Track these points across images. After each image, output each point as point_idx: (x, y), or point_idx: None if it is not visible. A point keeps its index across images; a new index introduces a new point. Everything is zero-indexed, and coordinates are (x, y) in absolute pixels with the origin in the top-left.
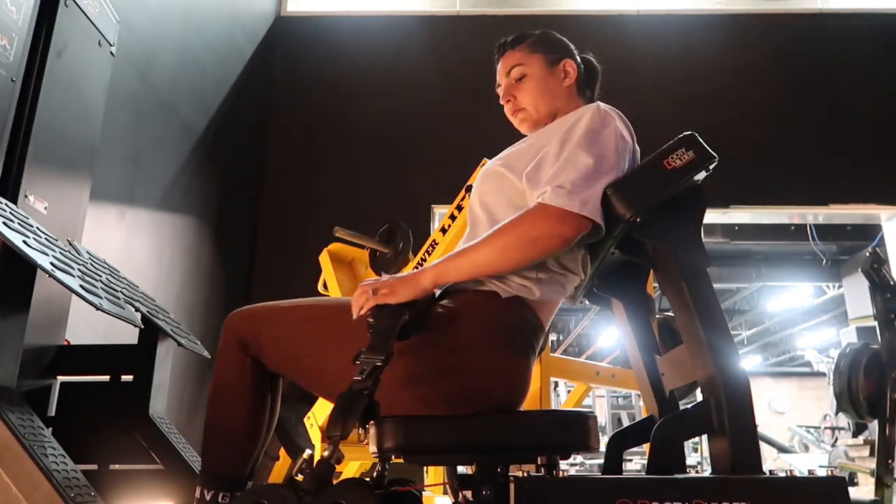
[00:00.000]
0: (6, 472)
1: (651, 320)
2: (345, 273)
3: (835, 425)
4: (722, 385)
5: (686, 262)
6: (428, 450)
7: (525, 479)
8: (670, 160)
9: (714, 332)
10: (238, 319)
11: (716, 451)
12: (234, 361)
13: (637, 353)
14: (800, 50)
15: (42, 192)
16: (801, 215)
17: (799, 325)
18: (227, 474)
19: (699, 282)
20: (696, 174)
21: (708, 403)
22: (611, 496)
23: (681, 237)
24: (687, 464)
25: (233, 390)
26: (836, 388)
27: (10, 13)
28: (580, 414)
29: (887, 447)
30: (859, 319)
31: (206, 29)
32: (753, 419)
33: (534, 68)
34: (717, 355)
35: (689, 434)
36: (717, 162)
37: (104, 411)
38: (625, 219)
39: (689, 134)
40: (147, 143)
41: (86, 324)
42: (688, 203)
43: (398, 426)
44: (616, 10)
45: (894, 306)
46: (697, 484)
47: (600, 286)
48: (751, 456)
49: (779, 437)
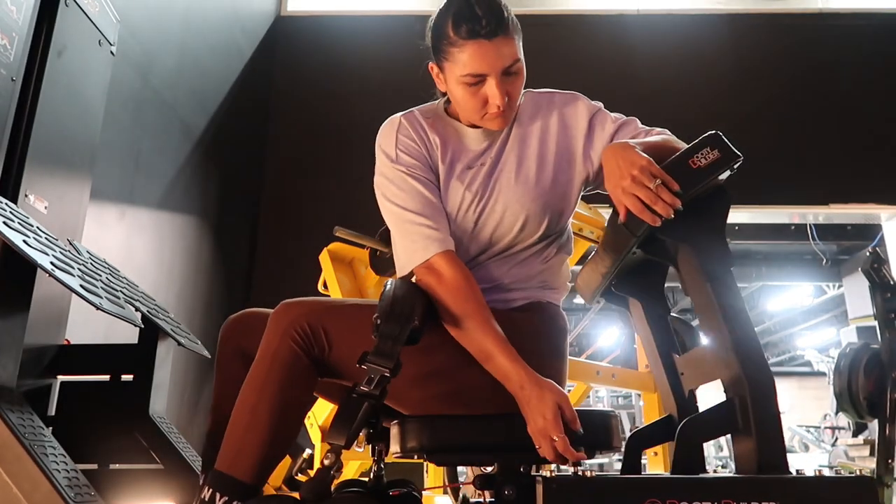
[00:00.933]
0: (6, 472)
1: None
2: (345, 273)
3: (835, 425)
4: (747, 384)
5: (710, 262)
6: (451, 449)
7: (553, 478)
8: (696, 159)
9: (739, 331)
10: (304, 311)
11: (741, 450)
12: (288, 358)
13: (655, 352)
14: (800, 50)
15: (42, 191)
16: (801, 215)
17: (799, 324)
18: (246, 482)
19: (724, 281)
20: (722, 173)
21: (732, 403)
22: (640, 496)
23: (704, 237)
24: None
25: (282, 391)
26: (836, 387)
27: (10, 12)
28: (604, 413)
29: (887, 447)
30: (859, 319)
31: (207, 29)
32: (779, 419)
33: (522, 60)
34: (742, 355)
35: (714, 434)
36: (741, 161)
37: (104, 411)
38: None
39: (713, 133)
40: (147, 142)
41: (86, 323)
42: (712, 202)
43: (422, 426)
44: (616, 10)
45: (894, 306)
46: (726, 484)
47: (619, 285)
48: (777, 455)
49: None
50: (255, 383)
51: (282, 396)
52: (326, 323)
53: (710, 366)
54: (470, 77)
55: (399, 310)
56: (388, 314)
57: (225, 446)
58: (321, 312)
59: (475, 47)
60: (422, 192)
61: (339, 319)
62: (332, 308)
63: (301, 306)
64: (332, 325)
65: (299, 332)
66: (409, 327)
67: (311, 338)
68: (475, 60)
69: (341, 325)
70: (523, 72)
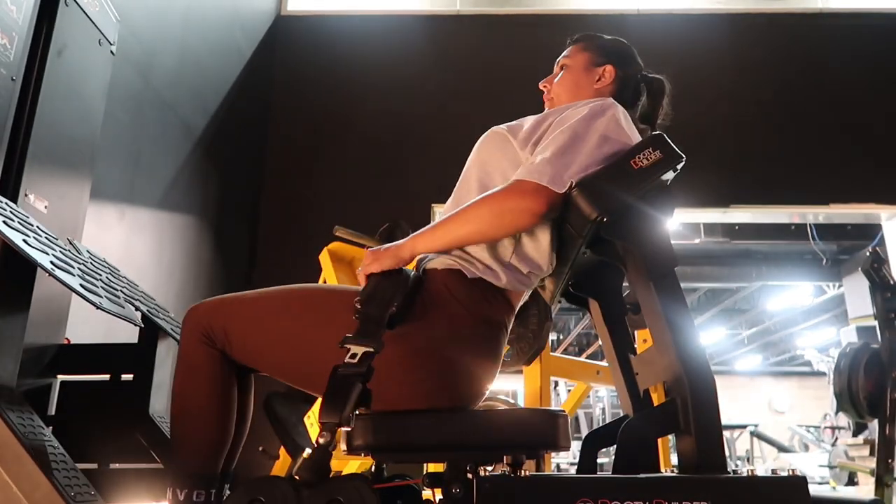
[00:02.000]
0: (6, 472)
1: (626, 319)
2: (345, 272)
3: (835, 425)
4: (688, 385)
5: (653, 262)
6: (396, 448)
7: (487, 477)
8: (637, 160)
9: (680, 331)
10: (203, 311)
11: (682, 450)
12: (200, 356)
13: (612, 352)
14: (800, 49)
15: (42, 191)
16: (801, 215)
17: (799, 324)
18: (198, 473)
19: (666, 282)
20: (664, 174)
21: (675, 403)
22: (572, 495)
23: (648, 237)
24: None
25: (199, 385)
26: (837, 387)
27: (10, 12)
28: (550, 413)
29: (887, 446)
30: (859, 319)
31: (207, 28)
32: (719, 419)
33: (575, 64)
34: (682, 355)
35: (657, 433)
36: (684, 162)
37: (104, 410)
38: (591, 218)
39: (657, 134)
40: (147, 142)
41: (86, 323)
42: (656, 203)
43: (368, 424)
44: (616, 10)
45: (894, 306)
46: (658, 483)
47: (576, 286)
48: (715, 455)
49: (779, 437)
50: (178, 388)
51: (205, 394)
52: (222, 319)
53: (659, 366)
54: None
55: (381, 294)
56: (369, 297)
57: (173, 444)
58: (216, 310)
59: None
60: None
61: (235, 313)
62: (228, 303)
63: (199, 308)
64: (228, 321)
65: (203, 333)
66: (389, 311)
67: (212, 335)
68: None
69: (236, 318)
70: (567, 69)
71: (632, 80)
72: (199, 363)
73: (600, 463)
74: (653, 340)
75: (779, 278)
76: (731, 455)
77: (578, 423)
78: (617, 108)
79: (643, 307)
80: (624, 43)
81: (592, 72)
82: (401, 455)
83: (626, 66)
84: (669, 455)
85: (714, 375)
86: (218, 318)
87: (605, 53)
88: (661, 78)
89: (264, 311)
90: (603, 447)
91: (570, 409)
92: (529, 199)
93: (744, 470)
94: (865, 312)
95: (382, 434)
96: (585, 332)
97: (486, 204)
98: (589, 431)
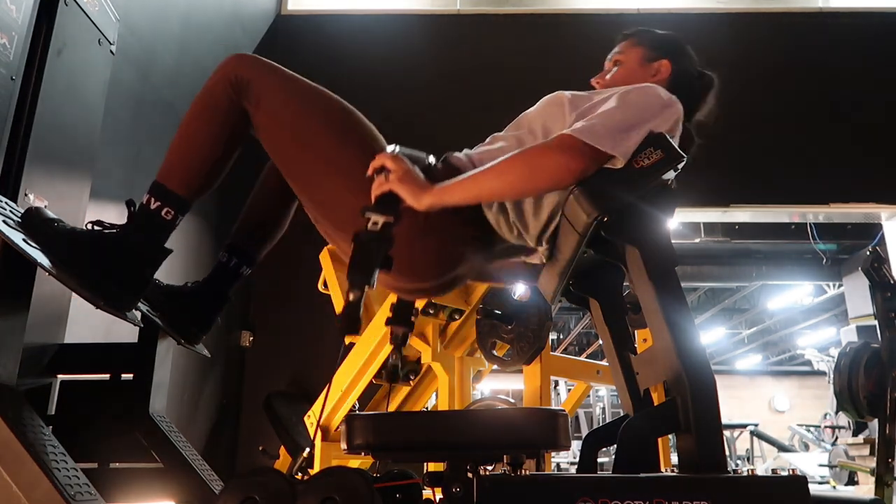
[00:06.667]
0: (6, 471)
1: (627, 319)
2: (345, 272)
3: (835, 424)
4: (688, 384)
5: (653, 262)
6: (396, 447)
7: (487, 477)
8: (638, 159)
9: (680, 331)
10: (248, 63)
11: (683, 449)
12: (223, 98)
13: (613, 351)
14: (800, 49)
15: (42, 190)
16: (801, 214)
17: (799, 323)
18: (175, 192)
19: (666, 281)
20: (665, 173)
21: (675, 402)
22: (572, 495)
23: (649, 236)
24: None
25: (209, 120)
26: (837, 386)
27: (10, 11)
28: (550, 412)
29: (887, 446)
30: (860, 318)
31: (207, 27)
32: (719, 418)
33: (629, 59)
34: (683, 354)
35: (657, 433)
36: (684, 161)
37: (104, 410)
38: (592, 217)
39: (658, 133)
40: (147, 141)
41: (86, 322)
42: (656, 202)
43: (368, 423)
44: (616, 9)
45: (894, 305)
46: (658, 483)
47: (577, 285)
48: (715, 455)
49: (779, 436)
50: (192, 111)
51: (211, 127)
52: (263, 81)
53: (659, 366)
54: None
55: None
56: (367, 231)
57: (165, 162)
58: (264, 71)
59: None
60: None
61: (280, 86)
62: (278, 73)
63: (247, 59)
64: (268, 86)
65: (234, 79)
66: (384, 250)
67: (242, 88)
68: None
69: (278, 91)
70: (621, 65)
71: (686, 74)
72: (218, 104)
73: (600, 462)
74: (653, 340)
75: (779, 278)
76: (731, 454)
77: (578, 423)
78: (679, 112)
79: (643, 306)
80: (676, 37)
81: (648, 67)
82: (401, 454)
83: (681, 61)
84: (669, 454)
85: (714, 375)
86: (260, 76)
87: (659, 48)
88: (712, 75)
89: (308, 109)
90: (603, 447)
91: (570, 409)
92: (569, 155)
93: (744, 469)
94: (865, 312)
95: (382, 433)
96: (585, 332)
97: (522, 159)
98: (589, 431)
